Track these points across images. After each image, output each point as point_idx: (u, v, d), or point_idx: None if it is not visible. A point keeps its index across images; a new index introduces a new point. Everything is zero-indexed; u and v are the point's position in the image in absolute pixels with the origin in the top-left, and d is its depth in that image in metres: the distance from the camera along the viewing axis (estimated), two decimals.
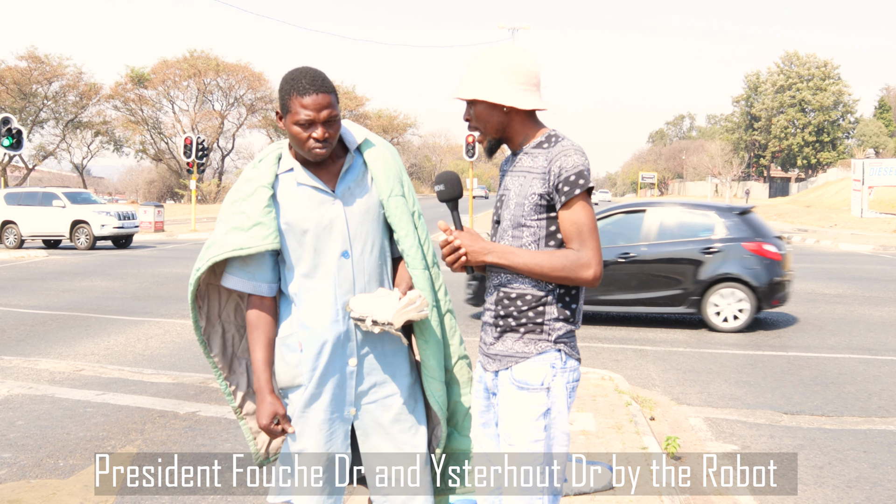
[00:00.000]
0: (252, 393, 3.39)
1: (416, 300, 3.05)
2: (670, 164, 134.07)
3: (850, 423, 7.47)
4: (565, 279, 2.90)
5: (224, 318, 3.38)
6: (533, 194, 2.94)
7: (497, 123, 3.02)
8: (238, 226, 3.09)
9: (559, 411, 2.96)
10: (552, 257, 2.89)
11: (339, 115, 3.07)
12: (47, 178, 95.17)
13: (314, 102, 2.99)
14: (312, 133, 3.02)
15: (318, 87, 3.01)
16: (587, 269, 2.89)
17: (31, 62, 70.76)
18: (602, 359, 10.03)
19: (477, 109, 3.02)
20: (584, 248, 2.89)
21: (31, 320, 12.92)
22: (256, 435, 3.38)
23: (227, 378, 3.37)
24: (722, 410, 7.85)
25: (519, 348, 2.98)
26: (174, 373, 9.13)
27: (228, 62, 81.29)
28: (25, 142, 28.02)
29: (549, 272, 2.88)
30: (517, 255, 2.92)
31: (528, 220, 2.96)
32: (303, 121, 3.00)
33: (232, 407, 3.37)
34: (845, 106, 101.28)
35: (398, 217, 3.20)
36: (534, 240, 2.96)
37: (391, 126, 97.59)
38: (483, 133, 3.06)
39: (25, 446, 6.51)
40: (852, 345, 11.13)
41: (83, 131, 79.89)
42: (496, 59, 3.00)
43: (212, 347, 3.34)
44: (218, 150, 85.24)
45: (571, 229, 2.91)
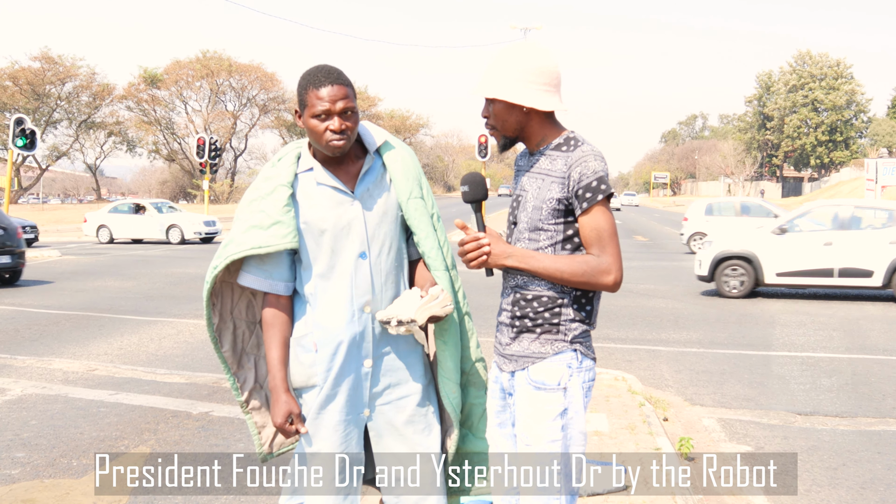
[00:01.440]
0: (258, 388, 3.39)
1: (438, 295, 3.04)
2: (683, 163, 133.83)
3: (865, 423, 7.43)
4: (585, 284, 2.89)
5: (235, 314, 3.38)
6: (551, 199, 2.93)
7: (515, 123, 3.00)
8: (257, 224, 3.09)
9: (576, 411, 2.95)
10: (573, 263, 2.88)
11: (356, 109, 3.07)
12: (60, 178, 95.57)
13: (329, 93, 2.99)
14: (329, 125, 3.01)
15: (334, 79, 3.02)
16: (608, 274, 2.88)
17: (45, 63, 71.10)
18: (615, 359, 10.01)
19: (495, 108, 3.00)
20: (604, 254, 2.89)
21: (45, 320, 12.97)
22: (261, 430, 3.38)
23: (236, 373, 3.36)
24: (735, 411, 7.82)
25: (535, 349, 2.97)
26: (187, 373, 9.14)
27: (241, 63, 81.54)
28: (39, 142, 28.12)
29: (570, 277, 2.88)
30: (537, 260, 2.91)
31: (545, 223, 2.95)
32: (319, 112, 3.00)
33: (239, 402, 3.37)
34: (858, 105, 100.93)
35: (418, 219, 3.19)
36: (550, 243, 2.95)
37: (403, 126, 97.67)
38: (500, 132, 3.04)
39: (39, 446, 6.53)
40: (866, 345, 11.08)
41: (96, 132, 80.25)
42: (517, 57, 2.98)
43: (223, 343, 3.34)
44: (230, 150, 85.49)
45: (592, 235, 2.90)
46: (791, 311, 14.15)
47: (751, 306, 14.68)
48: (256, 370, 3.40)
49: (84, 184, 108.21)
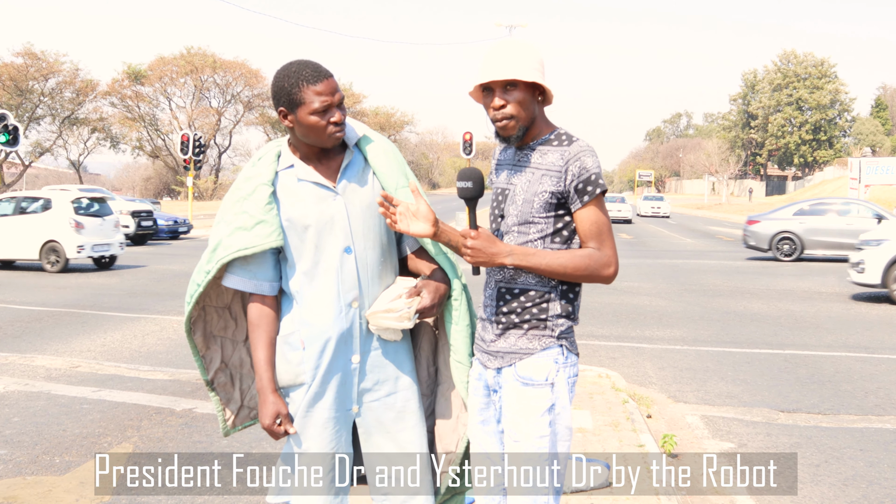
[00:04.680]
0: (224, 367, 3.41)
1: (401, 309, 3.06)
2: (667, 162, 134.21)
3: (847, 421, 7.47)
4: (587, 277, 2.93)
5: (206, 302, 3.39)
6: (544, 192, 2.94)
7: (532, 112, 2.99)
8: (241, 225, 3.08)
9: (563, 406, 2.97)
10: (575, 257, 2.91)
11: None
12: (44, 174, 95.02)
13: (328, 87, 3.00)
14: (331, 118, 3.01)
15: (326, 73, 3.02)
16: (608, 267, 2.94)
17: (28, 58, 70.59)
18: (599, 356, 10.03)
19: (519, 95, 2.95)
20: (603, 247, 2.94)
21: (28, 317, 12.91)
22: (225, 406, 3.41)
23: (203, 355, 3.38)
24: (718, 408, 7.85)
25: (523, 344, 2.98)
26: (171, 370, 9.12)
27: (225, 59, 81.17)
28: (22, 138, 27.99)
29: (573, 272, 2.91)
30: (538, 257, 2.91)
31: (536, 217, 2.96)
32: (319, 108, 2.99)
33: (204, 380, 3.38)
34: (842, 104, 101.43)
35: None
36: (540, 236, 2.96)
37: (388, 123, 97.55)
38: (517, 121, 2.98)
39: (21, 443, 6.50)
40: (849, 343, 11.14)
41: (80, 128, 79.72)
42: (529, 47, 2.98)
43: (195, 331, 3.36)
44: (215, 147, 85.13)
45: (592, 229, 2.93)
46: (774, 308, 14.21)
47: (734, 304, 14.73)
48: (222, 351, 3.42)
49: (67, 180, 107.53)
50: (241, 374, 3.45)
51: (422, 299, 3.09)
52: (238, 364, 3.44)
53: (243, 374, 3.45)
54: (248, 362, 3.44)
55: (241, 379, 3.45)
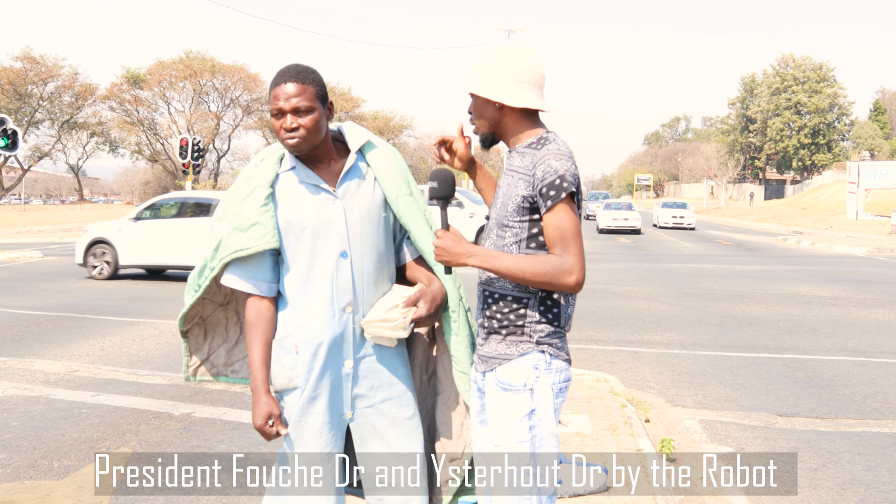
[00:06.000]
0: (200, 322, 3.51)
1: (396, 319, 3.07)
2: (666, 165, 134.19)
3: (845, 425, 7.48)
4: (547, 284, 2.85)
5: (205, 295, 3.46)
6: (517, 195, 2.94)
7: (490, 118, 3.03)
8: (238, 226, 3.10)
9: (545, 412, 2.94)
10: (535, 263, 2.85)
11: (313, 107, 3.04)
12: (43, 178, 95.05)
13: (282, 92, 3.02)
14: (283, 123, 3.04)
15: (290, 77, 3.03)
16: (569, 275, 2.83)
17: (27, 63, 70.69)
18: (597, 360, 10.03)
19: (475, 102, 3.05)
20: (566, 254, 2.85)
21: (26, 321, 12.90)
22: (192, 354, 3.50)
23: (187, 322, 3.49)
24: (717, 412, 7.85)
25: (502, 350, 2.98)
26: (169, 374, 9.12)
27: (224, 63, 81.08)
28: (21, 142, 28.02)
29: (532, 278, 2.84)
30: (499, 260, 2.89)
31: (510, 220, 2.96)
32: (274, 111, 3.03)
33: (180, 331, 3.47)
34: (840, 108, 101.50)
35: (410, 216, 3.19)
36: (515, 241, 2.95)
37: (387, 128, 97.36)
38: (478, 126, 3.07)
39: (20, 447, 6.50)
40: (847, 347, 11.15)
41: (78, 132, 79.83)
42: (498, 54, 3.01)
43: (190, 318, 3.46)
44: (213, 151, 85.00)
45: (555, 234, 2.87)
46: (773, 312, 14.21)
47: (732, 308, 14.73)
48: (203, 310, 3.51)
49: (66, 184, 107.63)
50: (214, 333, 3.54)
51: (418, 309, 3.10)
52: (214, 323, 3.54)
53: (216, 333, 3.54)
54: (223, 323, 3.53)
55: (213, 337, 3.54)
